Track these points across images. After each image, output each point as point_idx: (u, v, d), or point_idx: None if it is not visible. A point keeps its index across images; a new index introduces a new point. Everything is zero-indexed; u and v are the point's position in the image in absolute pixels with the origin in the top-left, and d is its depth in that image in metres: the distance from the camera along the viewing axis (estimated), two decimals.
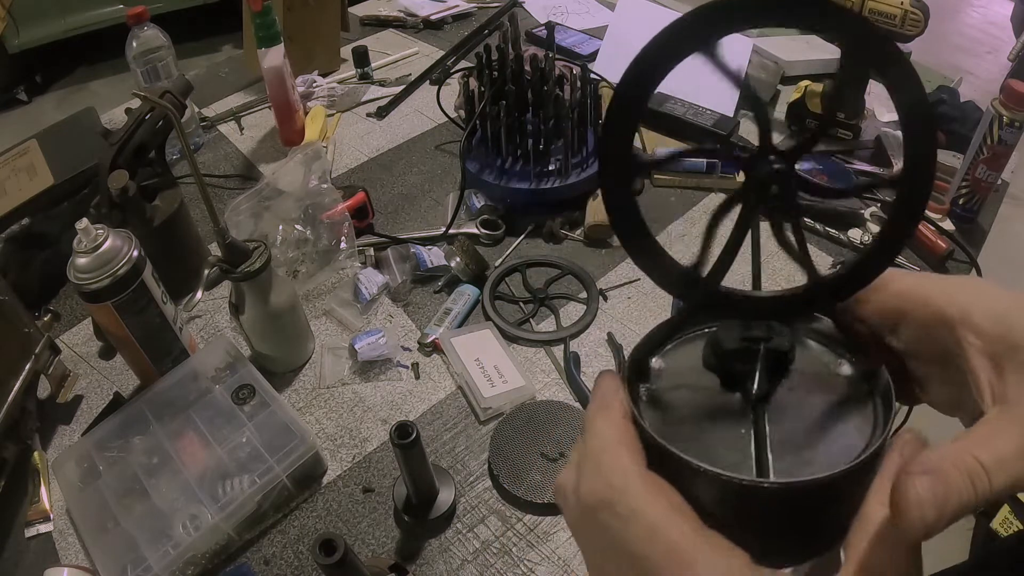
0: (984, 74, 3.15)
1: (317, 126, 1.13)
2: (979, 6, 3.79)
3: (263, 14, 0.99)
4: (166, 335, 0.72)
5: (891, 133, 1.06)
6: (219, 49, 3.25)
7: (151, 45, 1.01)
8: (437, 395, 0.76)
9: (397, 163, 1.10)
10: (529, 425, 0.70)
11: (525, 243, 0.94)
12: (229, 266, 0.69)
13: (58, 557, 0.64)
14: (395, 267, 0.88)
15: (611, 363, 0.78)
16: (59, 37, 2.95)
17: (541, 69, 0.91)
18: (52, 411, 0.76)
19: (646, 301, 0.85)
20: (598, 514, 0.29)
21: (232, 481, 0.63)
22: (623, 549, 0.28)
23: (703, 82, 1.18)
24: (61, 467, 0.66)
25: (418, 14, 1.47)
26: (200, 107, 1.21)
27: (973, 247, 0.89)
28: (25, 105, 3.07)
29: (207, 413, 0.68)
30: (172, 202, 0.84)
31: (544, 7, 1.50)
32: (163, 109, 0.74)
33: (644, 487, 0.28)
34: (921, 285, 0.31)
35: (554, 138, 0.93)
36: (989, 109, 0.86)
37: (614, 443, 0.29)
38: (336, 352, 0.80)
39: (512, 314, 0.84)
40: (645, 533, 0.27)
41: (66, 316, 0.86)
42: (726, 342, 0.30)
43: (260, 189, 0.90)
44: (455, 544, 0.63)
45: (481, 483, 0.68)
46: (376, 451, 0.71)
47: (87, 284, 0.63)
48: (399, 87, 1.26)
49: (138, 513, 0.61)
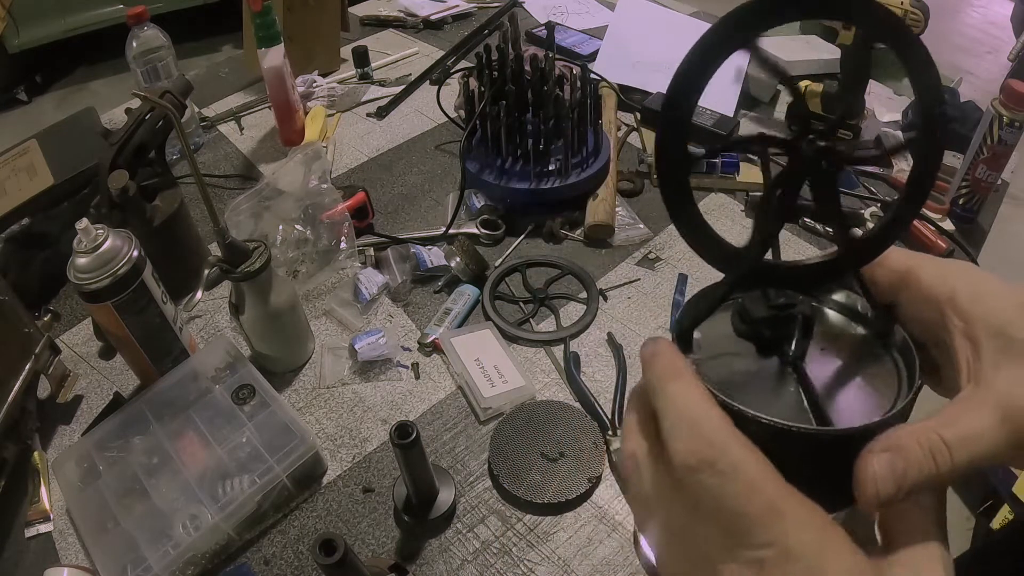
0: (984, 74, 3.15)
1: (317, 126, 1.13)
2: (979, 6, 3.79)
3: (263, 14, 0.99)
4: (166, 335, 0.72)
5: (891, 133, 1.06)
6: (219, 49, 3.25)
7: (151, 45, 1.01)
8: (437, 395, 0.76)
9: (397, 163, 1.10)
10: (529, 425, 0.70)
11: (525, 243, 0.94)
12: (229, 266, 0.69)
13: (58, 557, 0.64)
14: (395, 267, 0.88)
15: (611, 363, 0.78)
16: (59, 37, 2.95)
17: (541, 69, 0.91)
18: (52, 411, 0.76)
19: (646, 301, 0.85)
20: (697, 474, 0.28)
21: (232, 481, 0.63)
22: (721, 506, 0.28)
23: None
24: (61, 467, 0.66)
25: (418, 14, 1.47)
26: (200, 107, 1.21)
27: (973, 247, 0.89)
28: (25, 105, 3.07)
29: (207, 413, 0.68)
30: (172, 202, 0.84)
31: (544, 7, 1.50)
32: (163, 109, 0.74)
33: (741, 445, 0.28)
34: (918, 265, 0.33)
35: (554, 138, 0.93)
36: (989, 109, 0.86)
37: (702, 405, 0.29)
38: (336, 352, 0.80)
39: (512, 314, 0.84)
40: (745, 489, 0.27)
41: (66, 316, 0.86)
42: (756, 311, 0.33)
43: (260, 189, 0.90)
44: (455, 544, 0.63)
45: (481, 483, 0.68)
46: (376, 451, 0.71)
47: (87, 284, 0.63)
48: (399, 87, 1.26)
49: (138, 513, 0.61)
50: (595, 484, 0.66)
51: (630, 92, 1.19)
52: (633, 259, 0.91)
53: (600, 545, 0.63)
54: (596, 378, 0.77)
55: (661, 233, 0.94)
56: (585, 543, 0.63)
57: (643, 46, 1.25)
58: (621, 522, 0.64)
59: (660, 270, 0.89)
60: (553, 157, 0.94)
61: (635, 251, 0.92)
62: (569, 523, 0.64)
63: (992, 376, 0.29)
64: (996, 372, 0.29)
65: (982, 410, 0.28)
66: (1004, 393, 0.28)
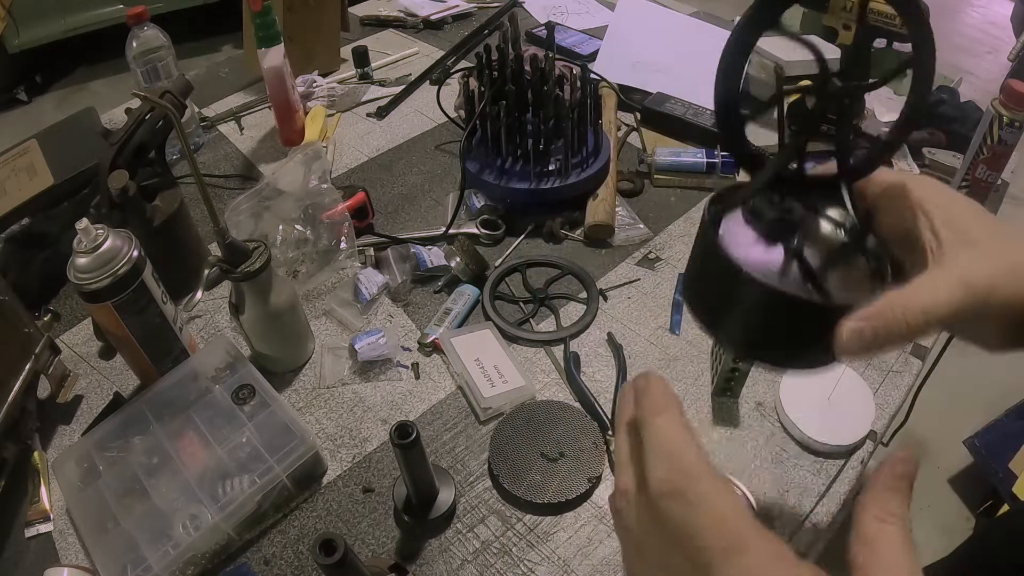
0: (984, 74, 3.15)
1: (317, 126, 1.13)
2: (979, 6, 3.79)
3: (263, 14, 0.99)
4: (166, 335, 0.72)
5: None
6: (219, 49, 3.25)
7: (151, 45, 1.01)
8: (437, 395, 0.76)
9: (397, 163, 1.10)
10: (529, 425, 0.70)
11: (525, 243, 0.94)
12: (229, 266, 0.69)
13: (58, 557, 0.64)
14: (395, 267, 0.87)
15: (611, 363, 0.78)
16: (59, 37, 2.95)
17: (541, 69, 0.91)
18: (52, 411, 0.76)
19: (646, 301, 0.85)
20: (668, 501, 0.31)
21: (232, 481, 0.63)
22: (688, 536, 0.30)
23: (703, 82, 1.18)
24: (61, 467, 0.66)
25: (418, 14, 1.47)
26: (200, 107, 1.21)
27: None
28: (25, 105, 3.07)
29: (207, 413, 0.68)
30: (172, 202, 0.84)
31: (544, 7, 1.51)
32: (163, 109, 0.74)
33: (713, 478, 0.31)
34: (899, 179, 0.42)
35: (554, 138, 0.93)
36: (989, 109, 0.86)
37: (683, 439, 0.33)
38: (336, 352, 0.80)
39: (512, 314, 0.84)
40: (710, 521, 0.30)
41: (66, 316, 0.86)
42: (768, 213, 0.42)
43: (260, 189, 0.90)
44: (455, 544, 0.63)
45: (481, 483, 0.68)
46: (376, 451, 0.71)
47: (87, 284, 0.63)
48: (399, 87, 1.26)
49: (138, 513, 0.61)
50: (595, 484, 0.66)
51: (630, 92, 1.19)
52: (633, 259, 0.91)
53: (600, 545, 0.63)
54: (596, 378, 0.77)
55: (661, 233, 0.94)
56: (585, 543, 0.63)
57: (643, 46, 1.25)
58: None
59: (660, 270, 0.89)
60: (553, 157, 0.94)
61: (635, 251, 0.92)
62: (569, 523, 0.64)
63: (952, 258, 0.37)
64: (955, 255, 0.37)
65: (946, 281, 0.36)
66: (963, 268, 0.36)
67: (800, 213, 0.43)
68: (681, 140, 1.08)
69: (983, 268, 0.36)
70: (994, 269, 0.35)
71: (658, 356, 0.79)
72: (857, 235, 0.42)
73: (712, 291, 0.42)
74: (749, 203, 0.43)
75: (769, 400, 0.73)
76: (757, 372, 0.76)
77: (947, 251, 0.37)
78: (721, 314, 0.42)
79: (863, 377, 0.72)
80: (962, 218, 0.38)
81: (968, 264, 0.36)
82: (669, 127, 1.10)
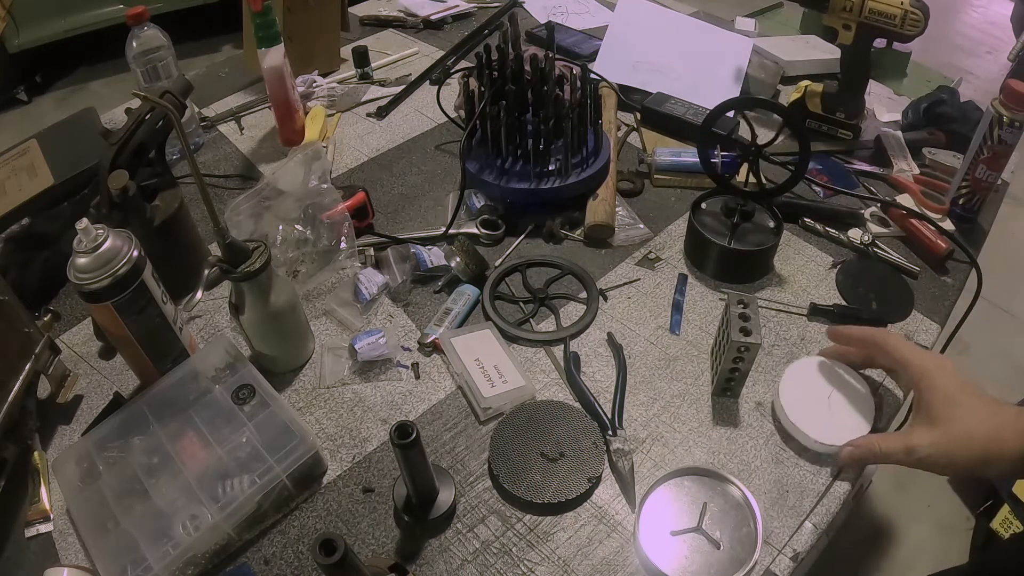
0: (984, 74, 3.15)
1: (317, 126, 1.13)
2: (979, 6, 3.79)
3: (263, 14, 0.99)
4: (166, 335, 0.72)
5: (891, 133, 1.06)
6: (219, 49, 3.25)
7: (151, 45, 1.01)
8: (437, 395, 0.76)
9: (397, 163, 1.10)
10: (529, 425, 0.70)
11: (525, 243, 0.94)
12: (229, 266, 0.69)
13: (58, 557, 0.64)
14: (395, 267, 0.87)
15: (611, 363, 0.78)
16: (59, 37, 2.94)
17: (541, 69, 0.91)
18: (52, 411, 0.76)
19: (646, 301, 0.85)
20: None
21: (232, 481, 0.63)
22: None
23: (703, 82, 1.18)
24: (61, 467, 0.66)
25: (418, 14, 1.47)
26: (200, 107, 1.21)
27: (973, 247, 0.89)
28: (25, 105, 3.07)
29: (207, 413, 0.68)
30: (172, 202, 0.84)
31: (544, 7, 1.50)
32: (163, 109, 0.74)
33: None
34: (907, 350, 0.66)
35: (554, 138, 0.93)
36: (989, 109, 0.86)
37: None
38: (336, 352, 0.80)
39: (512, 314, 0.84)
40: None
41: (66, 316, 0.86)
42: (730, 203, 0.86)
43: (260, 189, 0.90)
44: (455, 544, 0.63)
45: (481, 483, 0.68)
46: (376, 451, 0.71)
47: (87, 284, 0.63)
48: (399, 87, 1.26)
49: (138, 513, 0.61)
50: (595, 484, 0.66)
51: (630, 92, 1.19)
52: (633, 259, 0.91)
53: (600, 545, 0.63)
54: (596, 378, 0.77)
55: (661, 233, 0.94)
56: (585, 543, 0.63)
57: (643, 46, 1.25)
58: (621, 522, 0.64)
59: (660, 270, 0.89)
60: (553, 157, 0.94)
61: (635, 251, 0.92)
62: (569, 523, 0.64)
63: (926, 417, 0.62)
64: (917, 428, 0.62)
65: (923, 436, 0.61)
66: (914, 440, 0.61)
67: (739, 208, 0.86)
68: (681, 140, 1.08)
69: (925, 446, 0.60)
70: (934, 449, 0.59)
71: (658, 356, 0.79)
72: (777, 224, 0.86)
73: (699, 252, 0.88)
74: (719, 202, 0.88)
75: (769, 400, 0.73)
76: (757, 372, 0.76)
77: (921, 411, 0.62)
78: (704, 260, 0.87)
79: (863, 377, 0.72)
80: (933, 407, 0.61)
81: (918, 439, 0.61)
82: (669, 127, 1.10)
